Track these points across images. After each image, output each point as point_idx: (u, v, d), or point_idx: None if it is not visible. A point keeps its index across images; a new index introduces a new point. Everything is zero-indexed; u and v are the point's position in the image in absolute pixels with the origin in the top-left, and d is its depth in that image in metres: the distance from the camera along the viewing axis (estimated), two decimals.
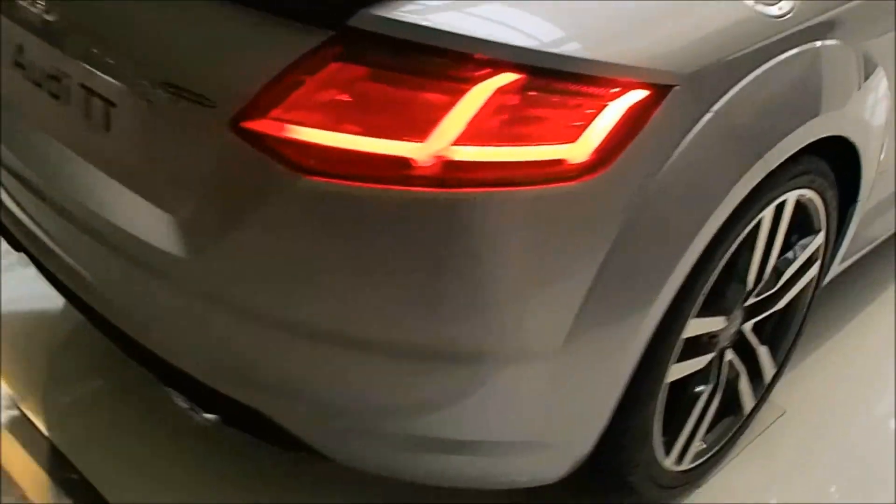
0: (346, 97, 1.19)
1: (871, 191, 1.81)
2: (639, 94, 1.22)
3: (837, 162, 1.65)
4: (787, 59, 1.41)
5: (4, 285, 2.27)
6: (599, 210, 1.25)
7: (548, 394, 1.32)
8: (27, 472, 1.83)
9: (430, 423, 1.33)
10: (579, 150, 1.20)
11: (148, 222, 1.37)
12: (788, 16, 1.41)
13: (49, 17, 1.46)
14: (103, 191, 1.46)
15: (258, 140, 1.20)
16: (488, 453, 1.39)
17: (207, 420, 1.55)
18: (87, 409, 1.96)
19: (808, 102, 1.47)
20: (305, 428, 1.41)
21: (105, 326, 1.64)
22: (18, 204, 1.76)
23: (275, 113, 1.20)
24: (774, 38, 1.39)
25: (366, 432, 1.38)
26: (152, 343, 1.49)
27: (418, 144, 1.17)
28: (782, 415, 1.99)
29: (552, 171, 1.20)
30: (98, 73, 1.41)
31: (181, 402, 1.57)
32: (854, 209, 1.80)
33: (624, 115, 1.21)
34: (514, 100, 1.18)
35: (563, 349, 1.28)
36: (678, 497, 1.77)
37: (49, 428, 1.91)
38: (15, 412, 1.95)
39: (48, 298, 2.05)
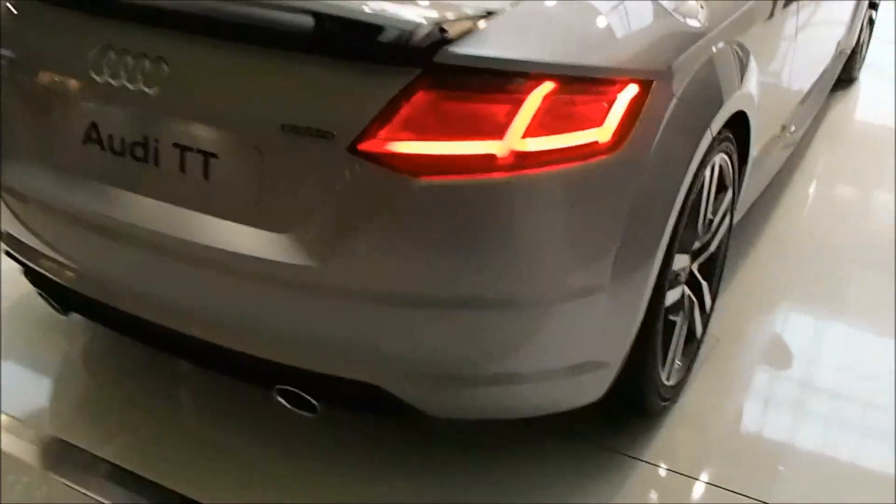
0: (438, 115, 1.58)
1: (756, 151, 2.39)
2: (634, 89, 1.69)
3: (735, 130, 2.21)
4: (708, 56, 1.93)
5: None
6: (621, 179, 1.70)
7: (603, 319, 1.75)
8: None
9: (524, 356, 1.72)
10: (605, 133, 1.65)
11: (259, 245, 1.69)
12: (703, 28, 1.95)
13: (135, 88, 1.74)
14: (205, 229, 1.75)
15: (376, 158, 1.57)
16: (560, 377, 1.79)
17: (308, 415, 1.86)
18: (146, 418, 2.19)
19: (725, 86, 2.01)
20: (410, 392, 1.76)
21: (193, 352, 1.93)
22: (80, 268, 1.99)
23: (385, 135, 1.57)
24: (699, 43, 1.91)
25: (464, 380, 1.75)
26: (265, 351, 1.79)
27: (497, 142, 1.57)
28: (717, 343, 2.51)
29: (589, 150, 1.64)
30: (196, 132, 1.72)
31: (283, 402, 1.87)
32: (747, 167, 2.37)
33: (628, 105, 1.68)
34: (556, 101, 1.61)
35: (609, 284, 1.72)
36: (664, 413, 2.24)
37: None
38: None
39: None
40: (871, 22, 4.46)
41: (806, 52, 3.06)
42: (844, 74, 4.18)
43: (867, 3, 4.16)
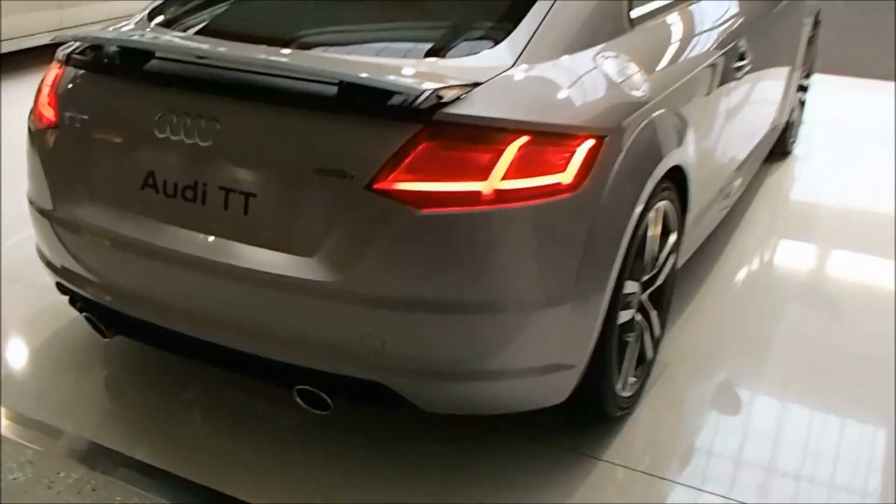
0: (436, 161, 2.01)
1: (695, 203, 2.84)
2: (591, 142, 2.13)
3: (676, 184, 2.65)
4: (650, 119, 2.39)
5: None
6: (579, 213, 2.13)
7: (567, 326, 2.16)
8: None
9: (503, 356, 2.11)
10: (567, 177, 2.08)
11: (290, 266, 2.09)
12: (646, 97, 2.41)
13: (191, 142, 2.16)
14: (243, 255, 2.15)
15: (387, 194, 1.99)
16: (532, 375, 2.18)
17: (322, 413, 2.24)
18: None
19: (664, 144, 2.46)
20: (409, 388, 2.15)
21: (227, 360, 2.31)
22: (132, 293, 2.37)
23: (395, 176, 1.99)
24: (642, 109, 2.37)
25: (454, 377, 2.13)
26: (290, 356, 2.17)
27: (483, 182, 2.00)
28: (666, 367, 2.92)
29: (555, 189, 2.07)
30: (240, 176, 2.14)
31: (301, 402, 2.24)
32: (687, 217, 2.81)
33: (586, 155, 2.12)
34: (529, 151, 2.05)
35: (572, 297, 2.13)
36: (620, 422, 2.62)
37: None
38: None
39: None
40: (802, 103, 5.03)
41: (741, 126, 3.56)
42: (779, 148, 4.72)
43: (797, 85, 4.72)
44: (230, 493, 2.32)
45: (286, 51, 2.32)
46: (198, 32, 2.57)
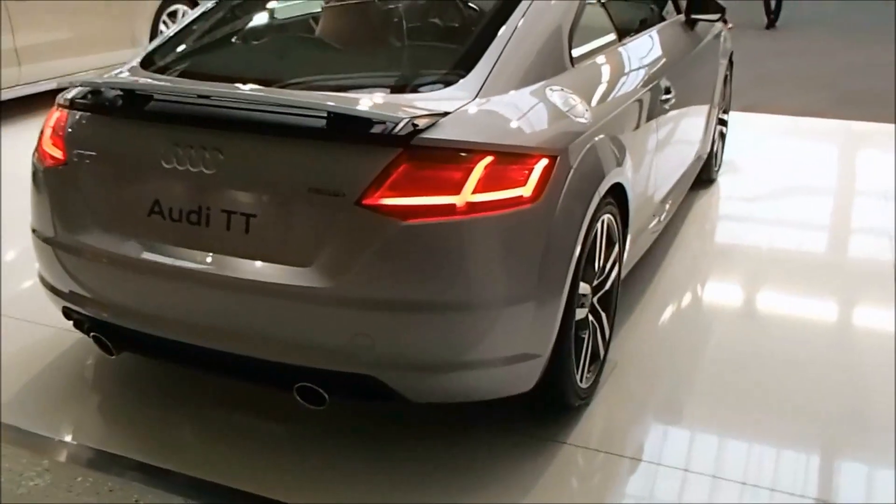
0: (415, 179, 2.33)
1: (634, 220, 3.21)
2: (545, 161, 2.47)
3: (618, 201, 3.02)
4: (593, 143, 2.75)
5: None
6: (538, 221, 2.47)
7: (532, 321, 2.49)
8: None
9: (478, 347, 2.42)
10: (527, 190, 2.42)
11: (288, 276, 2.38)
12: (588, 124, 2.78)
13: (196, 171, 2.44)
14: (244, 269, 2.43)
15: (374, 209, 2.30)
16: (504, 364, 2.49)
17: (319, 408, 2.51)
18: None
19: (606, 164, 2.82)
20: (397, 379, 2.44)
21: (228, 367, 2.58)
22: (139, 310, 2.62)
23: (380, 193, 2.31)
24: (586, 134, 2.73)
25: (435, 367, 2.43)
26: (290, 357, 2.45)
27: (456, 196, 2.33)
28: (616, 366, 3.25)
29: (517, 201, 2.41)
30: (241, 199, 2.43)
31: (300, 399, 2.51)
32: (629, 229, 3.17)
33: (542, 172, 2.46)
34: (494, 169, 2.38)
35: (535, 295, 2.46)
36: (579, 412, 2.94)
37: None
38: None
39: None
40: (723, 135, 5.51)
41: (670, 154, 3.96)
42: (705, 175, 5.17)
43: (717, 120, 5.20)
44: (239, 488, 2.58)
45: (278, 89, 2.64)
46: (191, 76, 2.87)
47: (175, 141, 2.49)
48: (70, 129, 2.75)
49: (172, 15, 7.89)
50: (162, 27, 7.74)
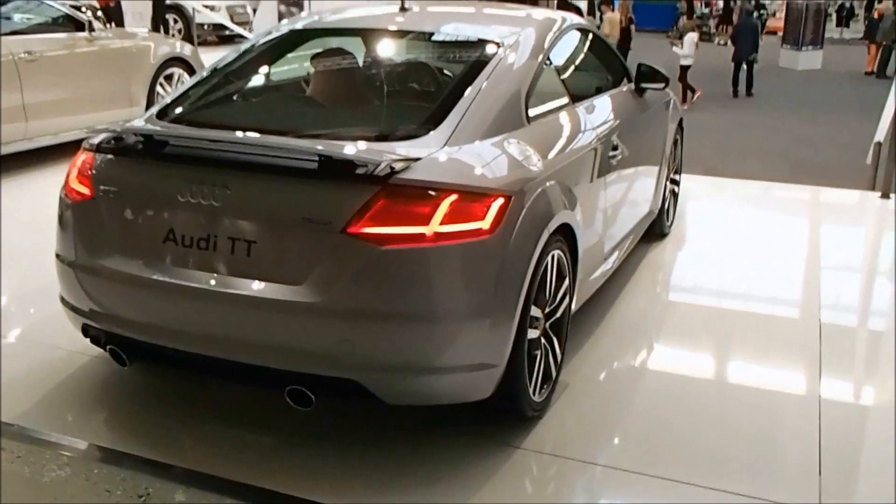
0: (391, 212, 2.79)
1: (584, 259, 3.67)
2: (501, 200, 2.94)
3: (568, 239, 3.48)
4: (543, 187, 3.23)
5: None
6: (495, 250, 2.93)
7: (490, 334, 2.92)
8: None
9: (443, 355, 2.85)
10: (486, 223, 2.89)
11: (283, 293, 2.81)
12: (539, 171, 3.25)
13: (206, 204, 2.89)
14: (245, 287, 2.87)
15: (356, 236, 2.76)
16: (465, 371, 2.92)
17: (307, 409, 2.92)
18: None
19: (555, 206, 3.29)
20: (374, 382, 2.86)
21: (229, 371, 3.00)
22: (152, 324, 3.04)
23: (362, 223, 2.76)
24: (537, 179, 3.21)
25: (407, 371, 2.85)
26: (283, 363, 2.87)
27: (425, 227, 2.79)
28: (567, 386, 3.67)
29: (477, 233, 2.87)
30: (244, 227, 2.87)
31: (289, 401, 2.92)
32: (577, 266, 3.63)
33: (499, 209, 2.93)
34: (458, 205, 2.85)
35: (492, 312, 2.91)
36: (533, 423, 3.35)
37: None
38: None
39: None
40: (675, 193, 6.03)
41: (620, 205, 4.45)
42: (657, 229, 5.66)
43: (669, 179, 5.71)
44: (234, 479, 2.97)
45: (275, 137, 3.10)
46: (199, 125, 3.33)
47: (189, 178, 2.95)
48: (96, 169, 3.19)
49: (168, 78, 8.41)
50: (159, 89, 8.25)
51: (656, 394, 3.74)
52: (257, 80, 4.13)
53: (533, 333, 3.22)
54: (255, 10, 19.00)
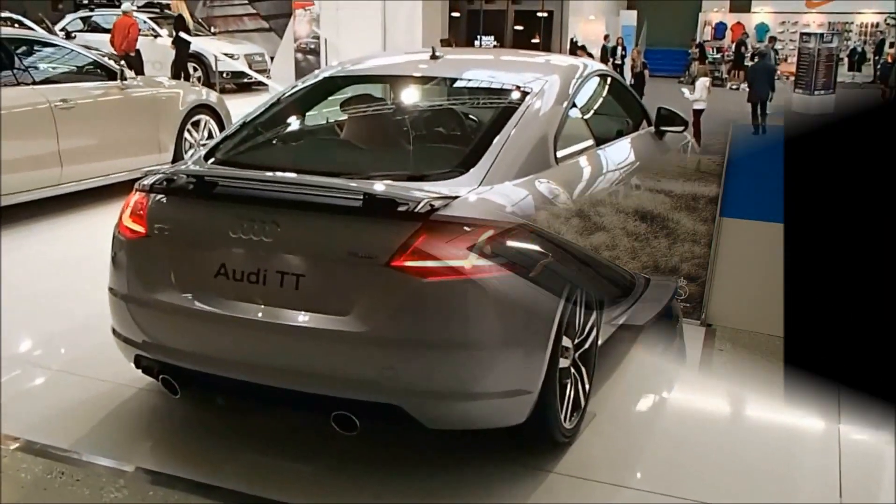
0: (432, 247, 2.96)
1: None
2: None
3: None
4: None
5: None
6: (527, 283, 3.09)
7: (524, 362, 3.08)
8: None
9: (481, 381, 3.01)
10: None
11: (330, 323, 2.98)
12: (570, 208, 3.43)
13: (257, 240, 3.07)
14: (294, 318, 3.03)
15: (400, 269, 2.93)
16: (502, 396, 3.07)
17: (352, 434, 3.06)
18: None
19: None
20: (416, 407, 3.01)
21: (278, 398, 3.15)
22: (204, 354, 3.20)
23: (405, 257, 2.93)
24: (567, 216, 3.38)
25: (447, 397, 3.00)
26: (331, 390, 3.02)
27: (464, 260, 2.96)
28: (595, 416, 3.81)
29: (511, 266, 3.03)
30: (293, 262, 3.05)
31: (336, 427, 3.07)
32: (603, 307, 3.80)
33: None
34: (494, 240, 3.02)
35: (526, 340, 3.07)
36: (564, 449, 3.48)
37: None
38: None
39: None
40: None
41: None
42: None
43: None
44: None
45: (323, 177, 3.28)
46: (244, 166, 3.52)
47: (240, 216, 3.13)
48: (150, 209, 3.38)
49: (196, 124, 8.65)
50: (186, 135, 8.49)
51: (682, 422, 3.88)
52: (294, 125, 4.34)
53: (564, 362, 3.37)
54: (272, 58, 19.45)
